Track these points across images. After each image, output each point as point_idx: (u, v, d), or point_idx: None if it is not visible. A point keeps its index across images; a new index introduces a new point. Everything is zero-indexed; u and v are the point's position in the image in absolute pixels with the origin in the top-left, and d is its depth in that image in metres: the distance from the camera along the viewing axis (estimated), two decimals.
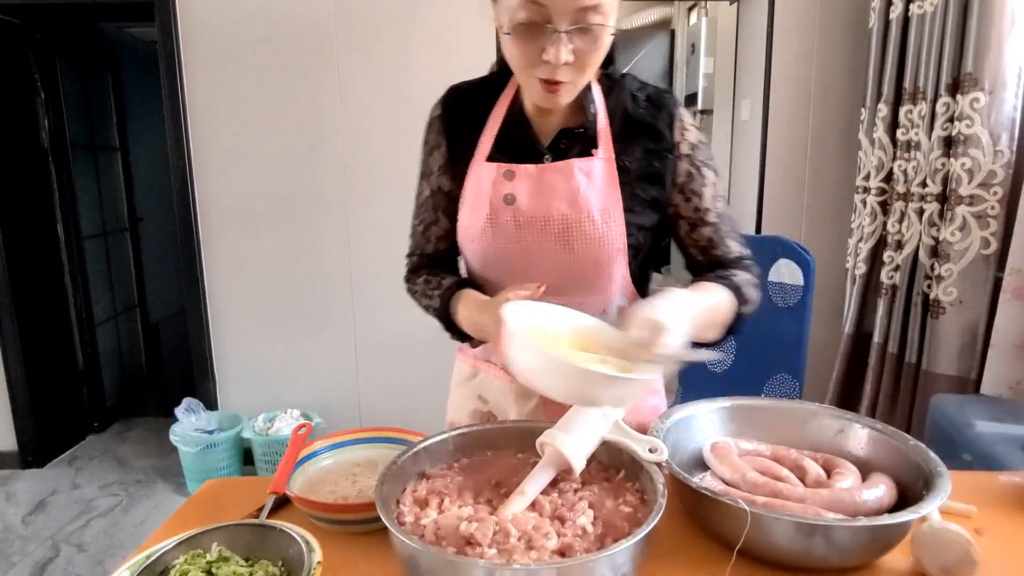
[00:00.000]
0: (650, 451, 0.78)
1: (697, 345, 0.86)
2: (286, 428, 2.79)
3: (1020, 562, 0.78)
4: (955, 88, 1.98)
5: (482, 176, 0.93)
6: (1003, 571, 0.75)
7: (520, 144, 0.94)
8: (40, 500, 2.81)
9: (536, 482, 0.75)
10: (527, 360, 0.76)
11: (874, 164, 2.35)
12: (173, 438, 2.75)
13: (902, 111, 2.21)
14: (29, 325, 3.05)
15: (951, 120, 1.99)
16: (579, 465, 0.78)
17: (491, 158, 0.94)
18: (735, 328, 0.94)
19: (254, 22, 2.69)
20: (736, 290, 0.92)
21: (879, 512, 0.78)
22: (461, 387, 1.11)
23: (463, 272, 1.07)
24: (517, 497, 0.74)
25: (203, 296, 2.88)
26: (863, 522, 0.71)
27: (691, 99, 4.62)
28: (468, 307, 0.92)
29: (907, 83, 2.19)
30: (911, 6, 2.16)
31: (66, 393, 3.32)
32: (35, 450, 3.09)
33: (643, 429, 0.84)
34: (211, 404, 2.95)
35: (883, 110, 2.30)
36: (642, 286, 1.01)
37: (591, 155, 0.92)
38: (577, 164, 0.91)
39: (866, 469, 0.88)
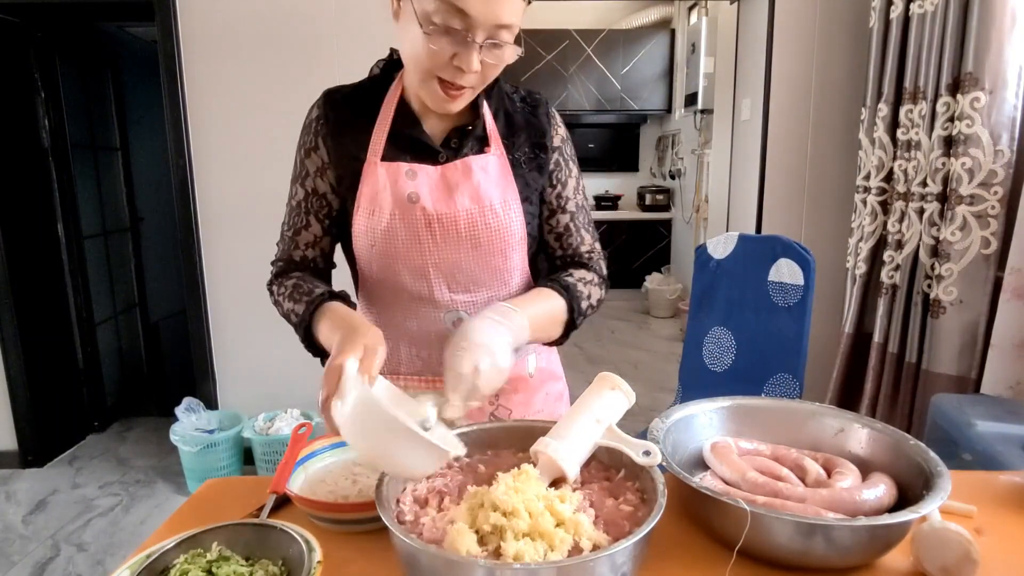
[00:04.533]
0: (644, 454, 0.78)
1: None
2: (286, 428, 2.79)
3: (1020, 562, 0.78)
4: (955, 88, 1.98)
5: (379, 177, 0.93)
6: (1003, 571, 0.75)
7: (414, 143, 0.95)
8: (40, 500, 2.82)
9: None
10: (353, 407, 0.70)
11: (874, 164, 2.35)
12: (173, 438, 2.75)
13: (902, 111, 2.21)
14: (29, 325, 3.05)
15: (951, 120, 1.99)
16: (573, 472, 0.78)
17: (386, 158, 0.94)
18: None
19: (254, 22, 2.69)
20: (568, 290, 0.95)
21: (879, 512, 0.78)
22: None
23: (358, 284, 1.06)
24: None
25: (203, 296, 2.88)
26: (863, 522, 0.71)
27: (691, 99, 4.63)
28: (331, 322, 0.87)
29: (907, 83, 2.19)
30: (911, 6, 2.16)
31: (66, 393, 3.32)
32: (35, 450, 3.09)
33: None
34: (211, 404, 2.96)
35: (883, 110, 2.30)
36: (535, 272, 1.06)
37: (484, 152, 0.95)
38: (475, 160, 0.94)
39: (866, 469, 0.88)
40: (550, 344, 1.00)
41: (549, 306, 0.93)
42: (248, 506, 0.90)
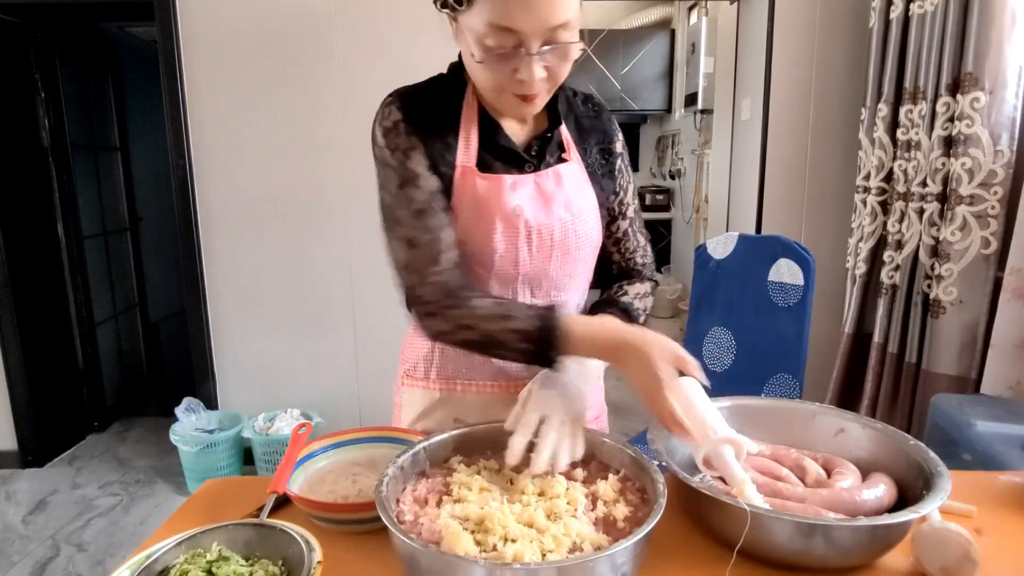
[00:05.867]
0: None
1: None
2: (286, 428, 2.79)
3: (1020, 562, 0.78)
4: (955, 88, 1.98)
5: (479, 187, 0.90)
6: (1003, 571, 0.75)
7: (502, 152, 0.93)
8: (40, 500, 2.82)
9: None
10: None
11: (874, 164, 2.35)
12: (173, 438, 2.75)
13: (902, 111, 2.21)
14: (29, 325, 3.05)
15: (951, 120, 1.99)
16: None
17: (480, 167, 0.91)
18: None
19: (254, 22, 2.69)
20: (628, 312, 0.98)
21: (879, 512, 0.78)
22: (431, 416, 1.04)
23: None
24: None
25: (203, 296, 2.88)
26: (863, 522, 0.71)
27: (691, 99, 4.62)
28: (590, 327, 0.84)
29: (907, 83, 2.19)
30: (911, 6, 2.16)
31: (66, 393, 3.32)
32: (35, 450, 3.09)
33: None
34: (211, 404, 2.96)
35: (883, 110, 2.30)
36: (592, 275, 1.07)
37: (564, 160, 0.96)
38: (563, 169, 0.95)
39: (866, 469, 0.88)
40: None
41: None
42: (248, 506, 0.90)
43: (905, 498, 0.81)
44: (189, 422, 2.82)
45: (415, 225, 0.87)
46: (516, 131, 0.96)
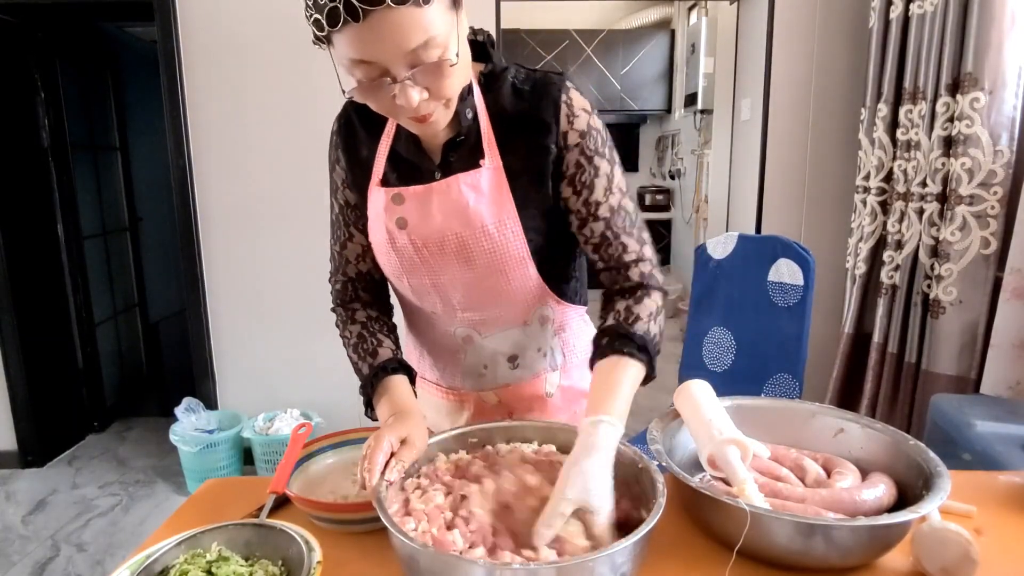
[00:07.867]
0: None
1: None
2: (286, 428, 2.79)
3: (1020, 562, 0.78)
4: (955, 88, 1.98)
5: (376, 200, 0.92)
6: (1003, 571, 0.75)
7: (409, 164, 0.91)
8: (40, 500, 2.81)
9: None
10: None
11: (874, 164, 2.35)
12: (173, 438, 2.75)
13: (902, 111, 2.21)
14: (29, 325, 3.05)
15: (951, 120, 1.99)
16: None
17: (384, 180, 0.92)
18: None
19: (254, 22, 2.69)
20: (646, 349, 0.87)
21: (879, 512, 0.78)
22: None
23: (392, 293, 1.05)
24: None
25: (203, 296, 2.88)
26: (863, 522, 0.71)
27: (691, 99, 4.63)
28: (388, 403, 0.88)
29: (907, 83, 2.19)
30: (911, 6, 2.16)
31: (66, 393, 3.32)
32: (35, 450, 3.09)
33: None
34: (211, 404, 2.95)
35: (883, 110, 2.30)
36: (561, 285, 0.98)
37: (479, 166, 0.87)
38: (462, 179, 0.87)
39: (866, 469, 0.88)
40: None
41: (632, 382, 0.85)
42: (248, 506, 0.90)
43: (905, 498, 0.81)
44: (189, 422, 2.82)
45: (332, 233, 1.01)
46: (433, 140, 0.90)
